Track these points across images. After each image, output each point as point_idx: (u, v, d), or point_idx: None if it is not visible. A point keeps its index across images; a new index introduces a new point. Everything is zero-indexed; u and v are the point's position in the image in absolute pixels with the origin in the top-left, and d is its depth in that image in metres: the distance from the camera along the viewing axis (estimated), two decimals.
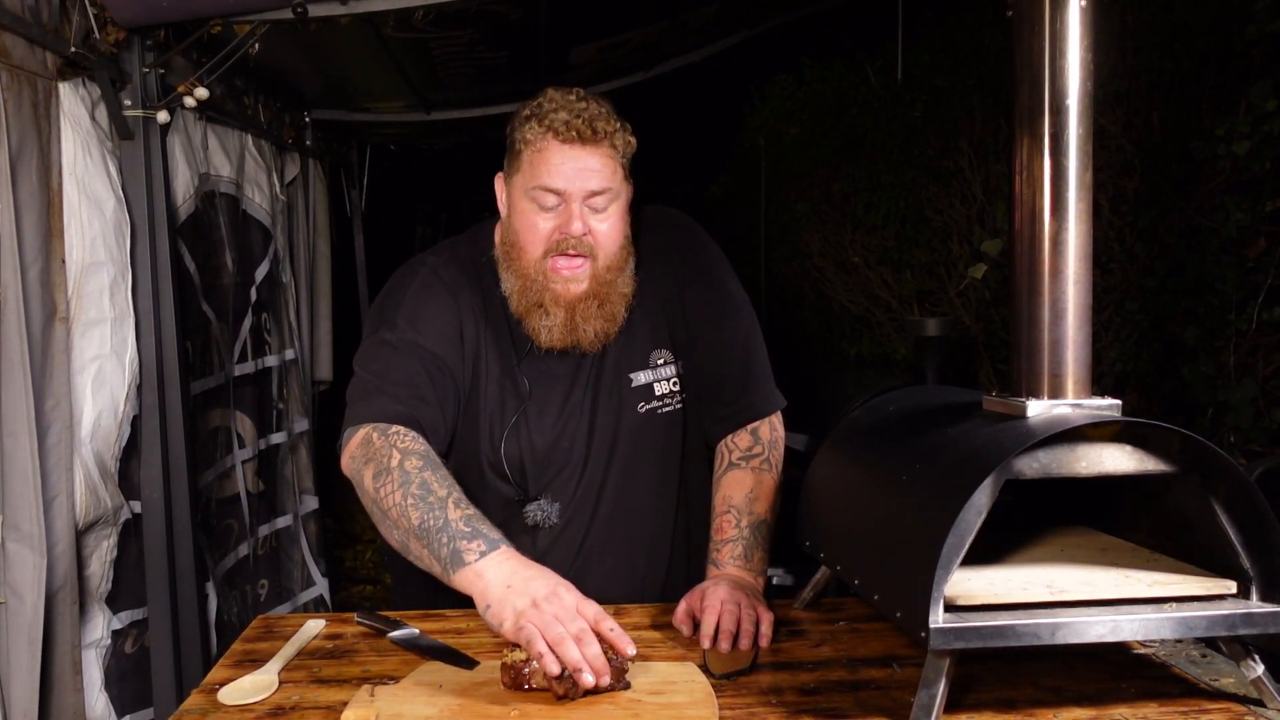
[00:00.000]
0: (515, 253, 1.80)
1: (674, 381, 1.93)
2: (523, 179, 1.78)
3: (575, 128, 1.72)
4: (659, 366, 1.92)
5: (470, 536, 1.51)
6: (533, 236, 1.77)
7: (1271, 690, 1.35)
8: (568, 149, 1.73)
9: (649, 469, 1.92)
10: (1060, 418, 1.34)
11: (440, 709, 1.37)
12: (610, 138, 1.76)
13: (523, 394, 1.85)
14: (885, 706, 1.38)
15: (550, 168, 1.73)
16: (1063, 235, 1.38)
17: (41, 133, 2.19)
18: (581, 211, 1.75)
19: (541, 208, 1.76)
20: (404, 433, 1.68)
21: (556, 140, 1.73)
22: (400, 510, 1.58)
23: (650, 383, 1.91)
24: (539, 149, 1.75)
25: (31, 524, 2.09)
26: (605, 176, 1.75)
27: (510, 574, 1.47)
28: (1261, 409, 2.70)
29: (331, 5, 2.58)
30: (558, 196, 1.75)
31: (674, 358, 1.93)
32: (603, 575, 1.88)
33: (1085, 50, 1.37)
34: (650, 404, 1.91)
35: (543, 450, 1.87)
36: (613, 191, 1.77)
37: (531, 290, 1.79)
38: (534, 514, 1.86)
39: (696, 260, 1.96)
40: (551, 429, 1.87)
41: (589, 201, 1.75)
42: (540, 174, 1.74)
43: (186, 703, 1.47)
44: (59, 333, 2.25)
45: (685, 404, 1.95)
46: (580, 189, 1.74)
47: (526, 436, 1.86)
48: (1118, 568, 1.42)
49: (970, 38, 4.06)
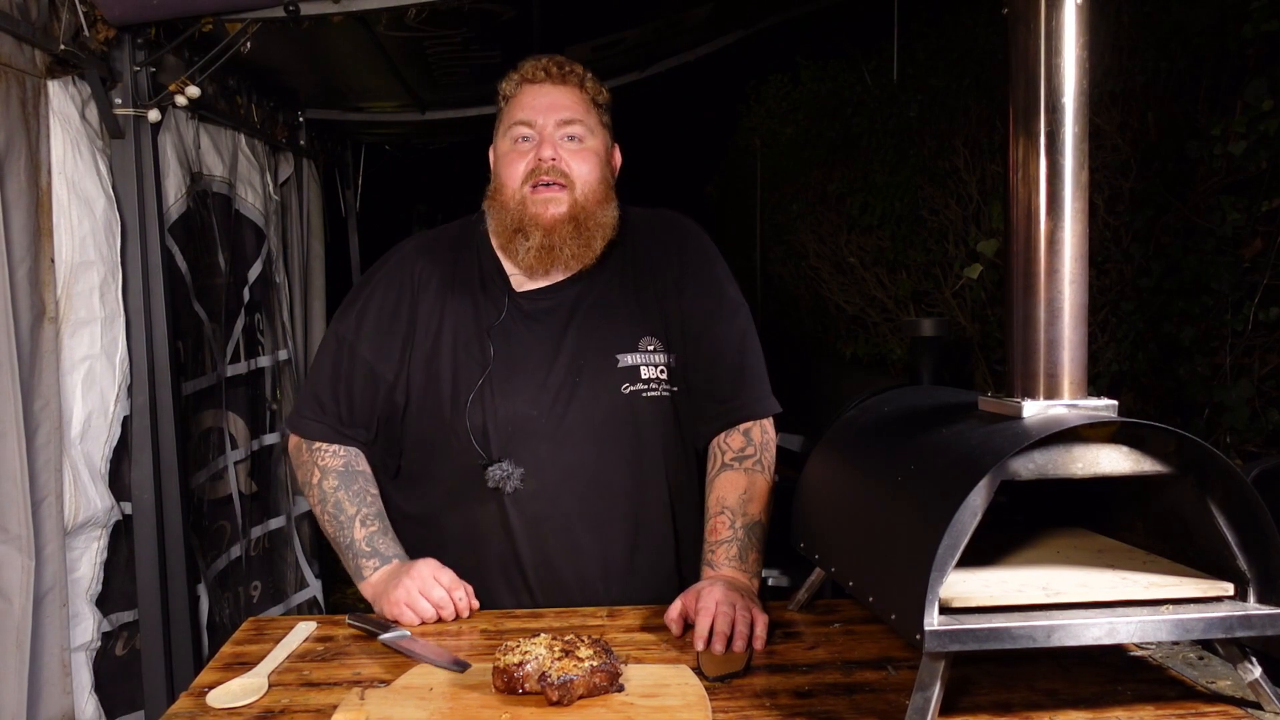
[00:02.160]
0: (498, 190, 1.92)
1: (662, 370, 1.93)
2: (503, 125, 1.93)
3: (543, 67, 1.91)
4: (648, 352, 1.93)
5: (369, 555, 1.82)
6: (512, 171, 1.89)
7: (1269, 693, 1.34)
8: (538, 87, 1.90)
9: (633, 449, 1.91)
10: (1056, 418, 1.33)
11: (430, 712, 1.36)
12: (580, 79, 1.92)
13: (487, 359, 1.88)
14: (880, 710, 1.37)
15: (522, 104, 1.90)
16: (1059, 234, 1.37)
17: (30, 131, 2.18)
18: (554, 140, 1.87)
19: (518, 142, 1.89)
20: (325, 449, 1.91)
21: (528, 83, 1.91)
22: (321, 522, 1.90)
23: (637, 365, 1.91)
24: (514, 95, 1.92)
25: (20, 526, 2.08)
26: (575, 110, 1.89)
27: (389, 576, 1.78)
28: (1257, 409, 2.69)
29: (324, 3, 2.57)
30: (530, 129, 1.88)
31: (665, 348, 1.94)
32: (580, 549, 1.88)
33: (1081, 49, 1.37)
34: (636, 386, 1.91)
35: (507, 416, 1.86)
36: (584, 125, 1.90)
37: (511, 218, 1.88)
38: (494, 476, 1.84)
39: (697, 261, 1.99)
40: (519, 395, 1.87)
41: (562, 131, 1.88)
42: (514, 112, 1.90)
43: (175, 706, 1.46)
44: (48, 332, 2.24)
45: (675, 397, 1.94)
46: (551, 119, 1.87)
47: (490, 401, 1.87)
48: (1114, 569, 1.41)
49: (965, 37, 4.06)
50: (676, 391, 1.94)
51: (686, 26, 4.14)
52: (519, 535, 1.86)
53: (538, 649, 1.41)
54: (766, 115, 6.04)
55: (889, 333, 4.66)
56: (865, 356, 4.83)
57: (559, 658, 1.40)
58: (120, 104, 2.51)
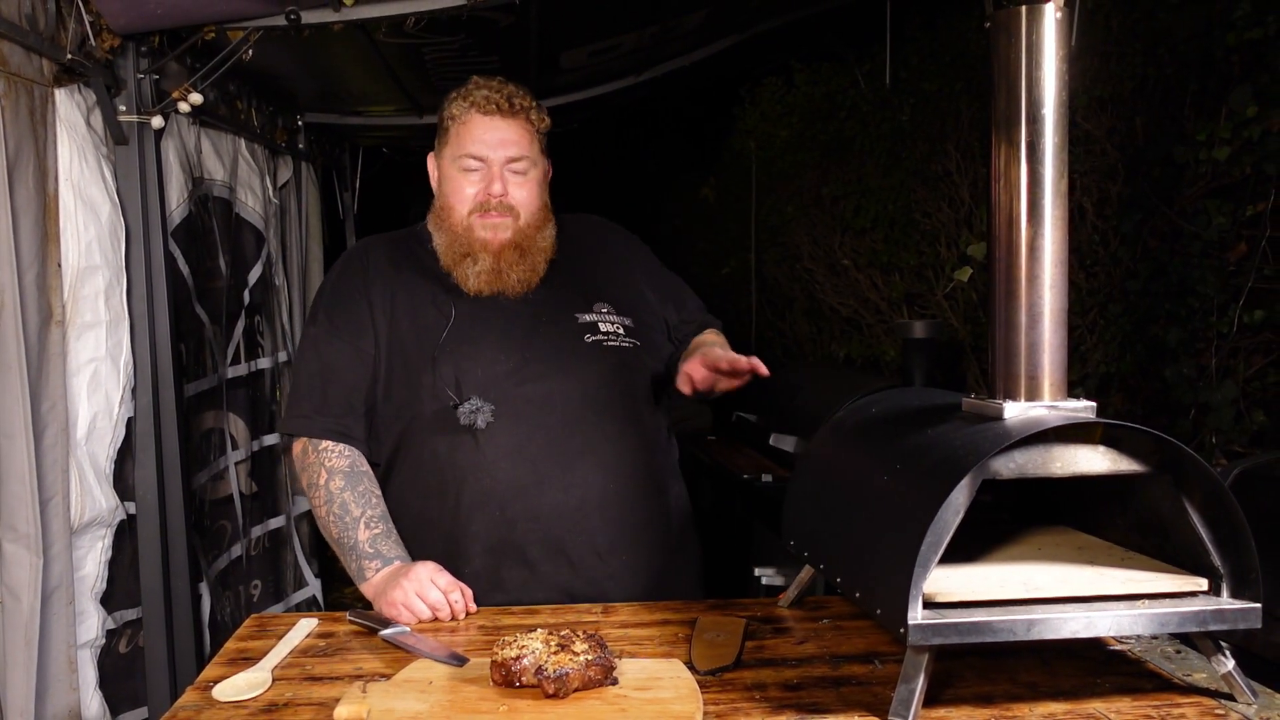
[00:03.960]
0: (445, 214, 2.03)
1: (620, 327, 2.05)
2: (450, 150, 2.02)
3: (495, 101, 1.99)
4: (603, 314, 2.05)
5: (372, 557, 1.87)
6: (460, 198, 2.01)
7: (1241, 685, 1.39)
8: (488, 120, 1.99)
9: (599, 388, 1.98)
10: (1036, 419, 1.38)
11: (430, 705, 1.40)
12: (526, 112, 2.02)
13: (448, 316, 1.98)
14: (866, 701, 1.41)
15: (474, 137, 1.99)
16: (1039, 241, 1.41)
17: (38, 139, 2.22)
18: (502, 175, 1.99)
19: (467, 172, 2.00)
20: (331, 449, 1.96)
21: (479, 113, 1.99)
22: (325, 523, 1.94)
23: (595, 321, 2.04)
24: (464, 122, 2.00)
25: (28, 525, 2.12)
26: (522, 146, 2.00)
27: (389, 577, 1.82)
28: (1242, 410, 2.73)
29: (325, 12, 2.61)
30: (481, 162, 1.99)
31: (618, 312, 2.07)
32: (553, 481, 1.93)
33: (1061, 60, 1.41)
34: (596, 336, 2.02)
35: (472, 362, 1.95)
36: (529, 159, 2.02)
37: (460, 243, 2.00)
38: (465, 412, 1.90)
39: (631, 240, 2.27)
40: (483, 342, 1.97)
41: (508, 166, 2.00)
42: (465, 143, 1.99)
43: (181, 699, 1.49)
44: (55, 336, 2.27)
45: (637, 350, 2.05)
46: (501, 156, 1.99)
47: (456, 349, 1.95)
48: (1093, 566, 1.46)
49: (958, 42, 4.10)
50: (639, 345, 2.04)
51: (681, 31, 4.17)
52: (495, 471, 1.91)
53: (534, 644, 1.45)
54: (761, 119, 6.07)
55: (883, 334, 4.69)
56: (859, 358, 4.87)
57: (555, 652, 1.44)
58: (124, 111, 2.54)
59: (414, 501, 1.98)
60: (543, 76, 4.15)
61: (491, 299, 2.01)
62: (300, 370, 2.05)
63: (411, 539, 1.93)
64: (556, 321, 2.01)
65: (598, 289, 2.09)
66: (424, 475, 1.96)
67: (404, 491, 1.98)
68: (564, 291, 2.05)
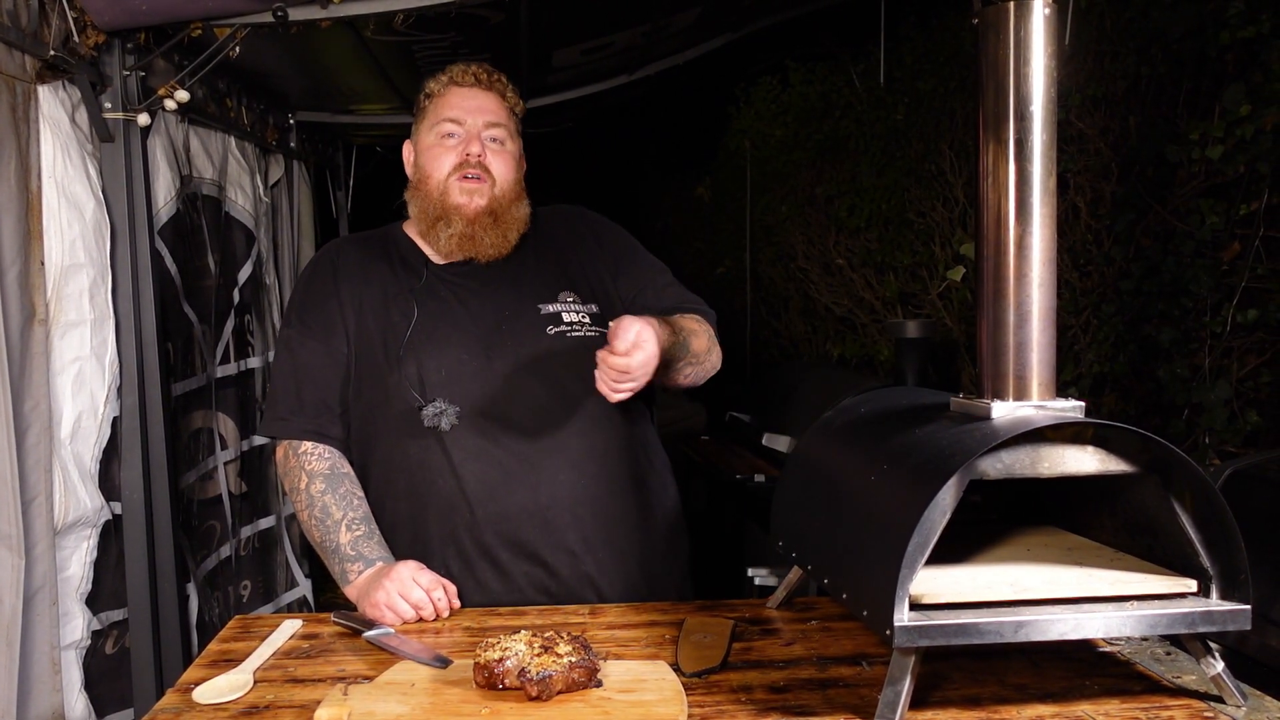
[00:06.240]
0: (422, 182, 2.04)
1: (585, 316, 2.03)
2: (428, 121, 2.05)
3: (472, 73, 2.05)
4: (567, 303, 2.04)
5: (354, 559, 1.87)
6: (438, 163, 2.02)
7: (1230, 687, 1.38)
8: (466, 90, 2.04)
9: (564, 383, 1.95)
10: (1023, 419, 1.36)
11: (412, 707, 1.39)
12: (503, 87, 2.07)
13: (412, 314, 1.98)
14: (853, 704, 1.40)
15: (451, 104, 2.03)
16: (1027, 240, 1.40)
17: (20, 135, 2.20)
18: (480, 138, 2.02)
19: (445, 138, 2.02)
20: (310, 451, 1.96)
21: (455, 85, 2.05)
22: (308, 527, 1.95)
23: (559, 312, 2.02)
24: (442, 95, 2.05)
25: (10, 525, 2.10)
26: (500, 116, 2.04)
27: (371, 579, 1.82)
28: (1235, 410, 2.73)
29: (311, 9, 2.59)
30: (459, 126, 2.02)
31: (583, 301, 2.05)
32: (521, 482, 1.90)
33: (1049, 58, 1.39)
34: (560, 328, 2.00)
35: (436, 362, 1.94)
36: (507, 131, 2.05)
37: (434, 206, 2.01)
38: (429, 415, 1.90)
39: (605, 225, 2.22)
40: (447, 341, 1.96)
41: (487, 132, 2.02)
42: (443, 110, 2.03)
43: (161, 702, 1.48)
44: (38, 334, 2.26)
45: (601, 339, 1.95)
46: (479, 120, 2.02)
47: (421, 348, 1.95)
48: (1082, 567, 1.44)
49: (952, 41, 4.09)
50: (605, 333, 1.98)
51: (675, 30, 4.16)
52: (462, 472, 1.89)
53: (518, 645, 1.44)
54: (756, 118, 6.07)
55: (877, 334, 4.69)
56: (853, 357, 4.86)
57: (538, 654, 1.42)
58: (110, 108, 2.52)
59: (389, 502, 1.96)
60: (535, 75, 4.14)
61: (455, 290, 2.00)
62: (276, 373, 2.05)
63: (389, 540, 1.93)
64: (519, 315, 1.99)
65: (563, 277, 2.07)
66: (396, 476, 1.95)
67: (379, 492, 1.97)
68: (528, 284, 2.04)
